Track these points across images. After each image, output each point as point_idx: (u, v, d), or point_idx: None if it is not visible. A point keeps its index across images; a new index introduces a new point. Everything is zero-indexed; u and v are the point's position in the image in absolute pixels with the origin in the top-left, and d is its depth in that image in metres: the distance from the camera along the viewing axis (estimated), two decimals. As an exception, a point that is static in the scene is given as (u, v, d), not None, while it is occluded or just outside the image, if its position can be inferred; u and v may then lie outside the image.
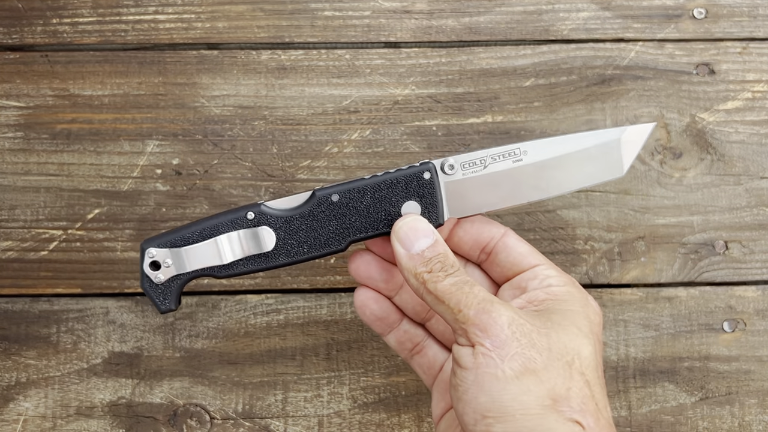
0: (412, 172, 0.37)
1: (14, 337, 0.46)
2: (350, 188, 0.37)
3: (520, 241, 0.39)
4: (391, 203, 0.37)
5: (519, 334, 0.32)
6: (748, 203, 0.47)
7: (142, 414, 0.45)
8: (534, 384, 0.31)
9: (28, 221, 0.46)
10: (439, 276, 0.34)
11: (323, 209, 0.37)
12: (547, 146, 0.38)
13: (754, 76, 0.48)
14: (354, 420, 0.46)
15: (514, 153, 0.38)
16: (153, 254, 0.37)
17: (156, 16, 0.48)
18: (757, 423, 0.46)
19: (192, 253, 0.37)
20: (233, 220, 0.37)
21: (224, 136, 0.47)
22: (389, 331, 0.40)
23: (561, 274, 0.38)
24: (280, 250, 0.37)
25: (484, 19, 0.48)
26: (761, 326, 0.47)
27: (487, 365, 0.31)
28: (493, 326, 0.32)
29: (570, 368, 0.32)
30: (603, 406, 0.33)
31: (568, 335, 0.33)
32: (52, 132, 0.47)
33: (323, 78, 0.48)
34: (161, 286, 0.37)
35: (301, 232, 0.37)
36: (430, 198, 0.37)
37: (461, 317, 0.33)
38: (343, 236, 0.37)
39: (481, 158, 0.38)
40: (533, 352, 0.32)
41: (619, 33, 0.48)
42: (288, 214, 0.37)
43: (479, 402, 0.31)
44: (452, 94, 0.48)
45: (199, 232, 0.37)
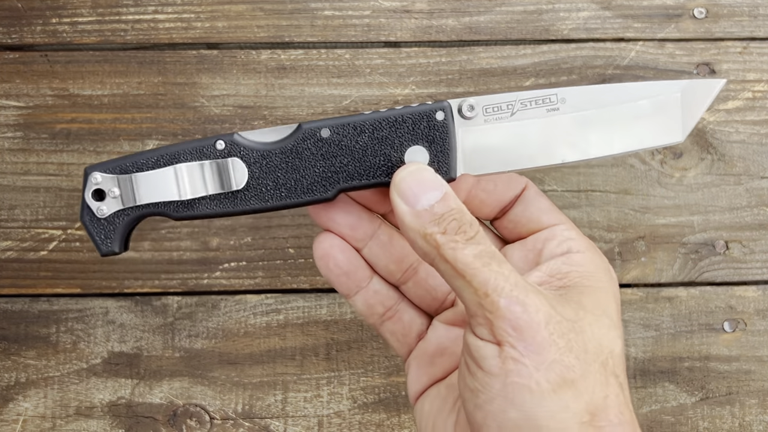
0: (422, 110, 0.31)
1: (14, 337, 0.46)
2: (344, 123, 0.31)
3: (540, 195, 0.33)
4: (393, 147, 0.31)
5: (557, 335, 0.26)
6: (748, 203, 0.47)
7: (141, 414, 0.45)
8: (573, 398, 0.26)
9: (27, 221, 0.46)
10: (457, 241, 0.27)
11: (309, 145, 0.31)
12: (590, 95, 0.31)
13: (754, 75, 0.48)
14: (354, 420, 0.46)
15: (549, 100, 0.31)
16: (97, 180, 0.30)
17: (155, 16, 0.48)
18: (758, 423, 0.46)
19: (144, 182, 0.30)
20: (199, 148, 0.30)
21: (224, 135, 0.47)
22: (356, 290, 0.34)
23: (581, 238, 0.32)
24: (252, 191, 0.31)
25: (484, 18, 0.48)
26: (762, 326, 0.47)
27: (519, 374, 0.26)
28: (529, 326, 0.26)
29: (605, 370, 0.27)
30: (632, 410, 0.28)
31: (601, 328, 0.28)
32: (52, 132, 0.47)
33: (323, 78, 0.48)
34: (104, 221, 0.31)
35: (280, 171, 0.31)
36: (441, 144, 0.31)
37: (488, 304, 0.26)
38: (331, 182, 0.31)
39: (508, 102, 0.31)
40: (571, 358, 0.26)
41: (620, 33, 0.48)
42: (266, 148, 0.31)
43: (508, 417, 0.26)
44: (452, 94, 0.48)
45: (156, 158, 0.30)
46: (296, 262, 0.46)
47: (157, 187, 0.30)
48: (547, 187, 0.47)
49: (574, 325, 0.27)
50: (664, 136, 0.32)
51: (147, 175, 0.30)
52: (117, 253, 0.31)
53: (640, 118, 0.32)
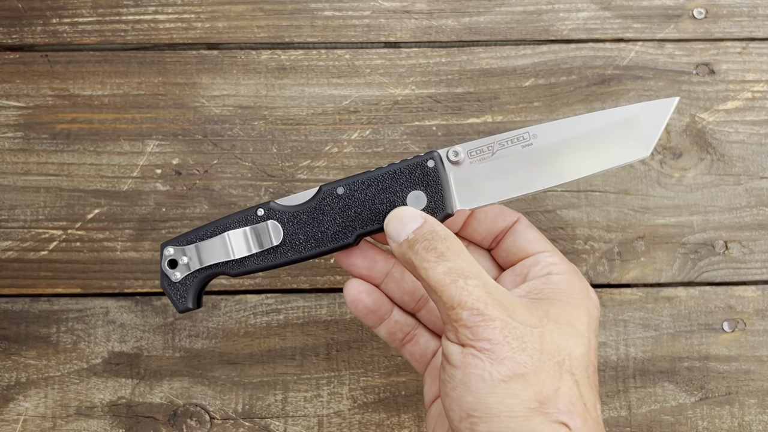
0: (416, 162, 0.37)
1: (14, 337, 0.46)
2: (355, 181, 0.37)
3: (529, 228, 0.39)
4: (396, 194, 0.37)
5: (511, 337, 0.31)
6: (747, 203, 0.47)
7: (141, 414, 0.45)
8: (522, 388, 0.31)
9: (27, 221, 0.46)
10: (429, 260, 0.33)
11: (329, 202, 0.37)
12: (558, 128, 0.36)
13: (753, 76, 0.48)
14: (354, 420, 0.46)
15: (522, 138, 0.36)
16: (170, 252, 0.38)
17: (156, 16, 0.48)
18: (757, 423, 0.46)
19: (204, 249, 0.37)
20: (244, 216, 0.38)
21: (224, 136, 0.47)
22: (380, 322, 0.40)
23: (563, 262, 0.37)
24: (288, 245, 0.37)
25: (484, 19, 0.48)
26: (761, 326, 0.47)
27: (476, 366, 0.31)
28: (485, 331, 0.31)
29: (560, 368, 0.32)
30: (592, 406, 0.32)
31: (561, 334, 0.33)
32: (52, 132, 0.47)
33: (323, 78, 0.48)
34: (178, 284, 0.38)
35: (308, 227, 0.37)
36: (435, 187, 0.37)
37: (454, 315, 0.32)
38: (351, 229, 0.37)
39: (488, 145, 0.37)
40: (524, 356, 0.31)
41: (619, 33, 0.48)
42: (295, 210, 0.37)
43: (465, 401, 0.31)
44: (452, 94, 0.48)
45: (213, 229, 0.38)
46: (296, 262, 0.46)
47: (213, 251, 0.37)
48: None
49: (533, 330, 0.32)
50: (630, 153, 0.36)
51: (206, 243, 0.38)
52: (192, 309, 0.38)
53: (605, 142, 0.36)
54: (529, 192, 0.37)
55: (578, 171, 0.36)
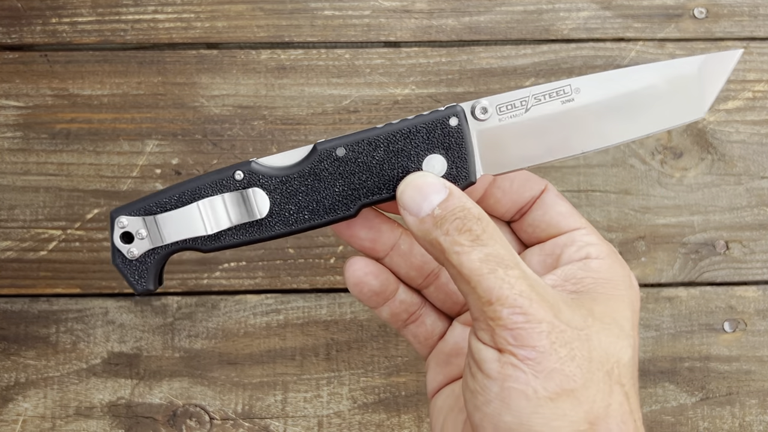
0: (435, 118, 0.30)
1: (13, 337, 0.46)
2: (359, 140, 0.31)
3: (560, 198, 0.33)
4: (410, 158, 0.30)
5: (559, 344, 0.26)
6: (748, 203, 0.47)
7: (141, 414, 0.45)
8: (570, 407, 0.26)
9: (27, 221, 0.46)
10: (462, 244, 0.27)
11: (327, 166, 0.31)
12: (605, 82, 0.31)
13: (754, 75, 0.48)
14: (354, 420, 0.46)
15: (563, 91, 0.31)
16: (124, 224, 0.31)
17: (155, 16, 0.48)
18: (758, 423, 0.46)
19: (169, 222, 0.31)
20: (218, 181, 0.31)
21: (224, 135, 0.47)
22: (384, 303, 0.35)
23: (602, 243, 0.32)
24: (276, 217, 0.31)
25: (484, 18, 0.48)
26: (762, 326, 0.46)
27: (517, 380, 0.26)
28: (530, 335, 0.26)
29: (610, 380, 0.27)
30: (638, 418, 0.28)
31: (609, 337, 0.28)
32: (52, 132, 0.47)
33: (323, 78, 0.48)
34: (136, 263, 0.31)
35: (301, 195, 0.31)
36: (458, 150, 0.30)
37: (491, 312, 0.26)
38: (352, 199, 0.31)
39: (521, 99, 0.31)
40: (573, 367, 0.26)
41: (620, 32, 0.48)
42: (284, 173, 0.31)
43: (503, 420, 0.26)
44: (452, 93, 0.48)
45: (178, 196, 0.31)
46: (296, 262, 0.46)
47: (183, 225, 0.31)
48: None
49: (579, 333, 0.27)
50: (685, 114, 0.31)
51: (172, 214, 0.31)
52: (152, 291, 0.32)
53: (658, 99, 0.31)
54: (567, 156, 0.31)
55: (625, 133, 0.31)
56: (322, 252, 0.46)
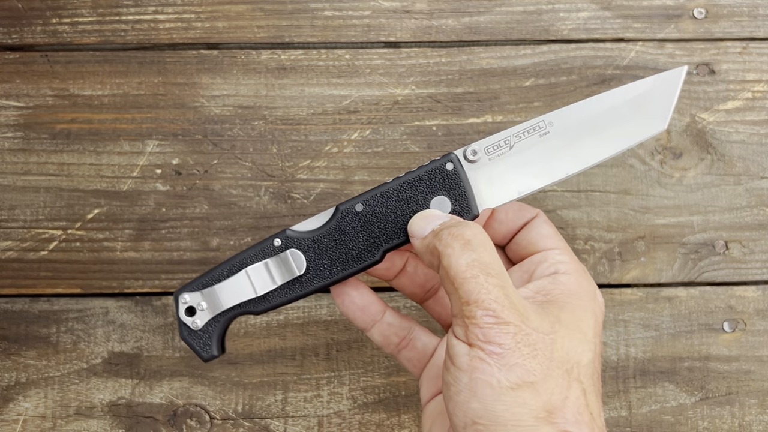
0: (434, 167, 0.35)
1: (14, 337, 0.46)
2: (373, 195, 0.35)
3: (545, 223, 0.37)
4: (418, 202, 0.35)
5: (523, 344, 0.30)
6: (748, 203, 0.47)
7: (141, 414, 0.45)
8: (530, 396, 0.30)
9: (27, 221, 0.46)
10: (454, 247, 0.31)
11: (349, 221, 0.35)
12: (573, 113, 0.36)
13: (754, 76, 0.48)
14: (354, 420, 0.46)
15: (539, 126, 0.35)
16: (186, 300, 0.35)
17: (156, 16, 0.48)
18: (758, 423, 0.46)
19: (224, 290, 0.35)
20: (261, 250, 0.35)
21: (224, 136, 0.47)
22: (372, 324, 0.38)
23: (572, 261, 0.36)
24: (313, 272, 0.35)
25: (484, 19, 0.48)
26: (761, 326, 0.47)
27: (483, 371, 0.30)
28: (497, 335, 0.30)
29: (569, 377, 0.31)
30: (597, 415, 0.32)
31: (572, 341, 0.32)
32: (52, 132, 0.47)
33: (323, 78, 0.48)
34: (200, 332, 0.36)
35: (331, 250, 0.35)
36: (457, 190, 0.35)
37: (467, 311, 0.30)
38: (375, 246, 0.35)
39: (504, 139, 0.35)
40: (534, 364, 0.30)
41: (619, 33, 0.48)
42: (315, 234, 0.35)
43: (471, 407, 0.30)
44: (452, 94, 0.48)
45: (229, 268, 0.35)
46: (296, 262, 0.46)
47: (234, 291, 0.35)
48: (548, 187, 0.47)
49: (545, 337, 0.31)
50: (648, 129, 0.36)
51: (224, 284, 0.35)
52: (217, 357, 0.36)
53: (622, 120, 0.36)
54: (553, 181, 0.36)
55: (599, 154, 0.36)
56: (322, 252, 0.46)
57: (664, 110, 0.36)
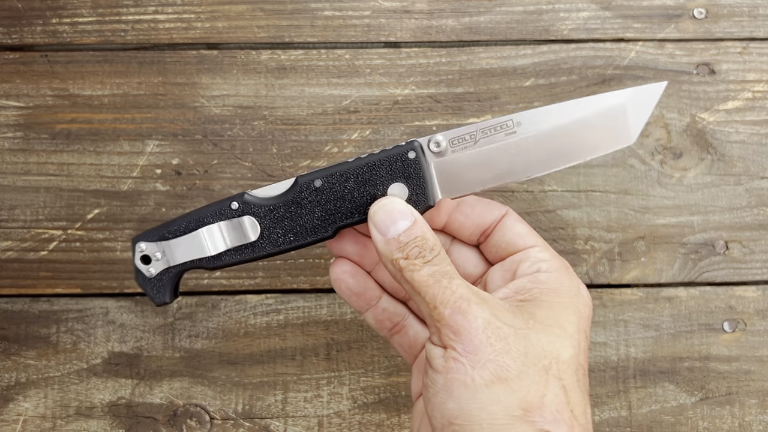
0: (396, 153, 0.35)
1: (14, 337, 0.46)
2: (333, 173, 0.36)
3: (518, 221, 0.37)
4: (376, 186, 0.35)
5: (494, 338, 0.30)
6: (748, 203, 0.47)
7: (141, 414, 0.45)
8: (504, 393, 0.29)
9: (27, 221, 0.46)
10: (416, 264, 0.32)
11: (307, 195, 0.36)
12: (542, 116, 0.35)
13: (754, 76, 0.48)
14: (354, 420, 0.46)
15: (506, 125, 0.35)
16: (143, 248, 0.37)
17: (156, 16, 0.48)
18: (758, 423, 0.46)
19: (178, 246, 0.36)
20: (218, 211, 0.36)
21: (224, 136, 0.47)
22: (367, 308, 0.39)
23: (554, 258, 0.35)
24: (266, 240, 0.36)
25: (484, 19, 0.48)
26: (761, 326, 0.47)
27: (457, 371, 0.30)
28: (467, 330, 0.30)
29: (546, 374, 0.30)
30: (581, 412, 0.31)
31: (548, 336, 0.31)
32: (52, 132, 0.47)
33: (323, 78, 0.48)
34: (154, 280, 0.37)
35: (286, 221, 0.36)
36: (417, 179, 0.35)
37: (436, 315, 0.31)
38: (330, 222, 0.36)
39: (470, 133, 0.35)
40: (507, 359, 0.30)
41: (620, 33, 0.48)
42: (272, 203, 0.36)
43: (447, 408, 0.30)
44: (452, 94, 0.48)
45: (186, 224, 0.37)
46: (296, 262, 0.46)
47: (188, 248, 0.36)
48: (547, 187, 0.47)
49: (517, 331, 0.31)
50: (616, 142, 0.35)
51: (180, 240, 0.36)
52: (169, 302, 0.38)
53: (590, 130, 0.35)
54: (512, 180, 0.36)
55: (562, 161, 0.35)
56: (322, 252, 0.46)
57: (636, 125, 0.35)
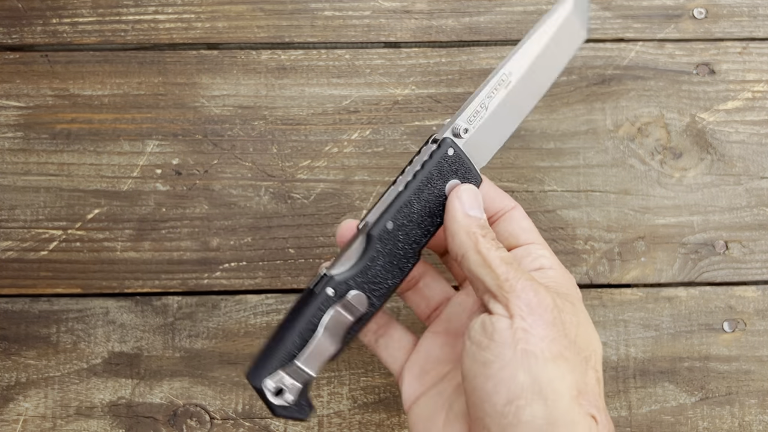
0: (439, 157, 0.36)
1: (14, 337, 0.46)
2: (398, 208, 0.36)
3: (525, 218, 0.39)
4: (435, 194, 0.36)
5: (558, 321, 0.32)
6: (748, 203, 0.47)
7: (142, 414, 0.45)
8: (567, 371, 0.30)
9: (27, 221, 0.46)
10: (492, 244, 0.33)
11: (386, 242, 0.36)
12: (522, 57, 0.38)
13: (754, 76, 0.48)
14: (354, 420, 0.46)
15: (502, 81, 0.38)
16: (272, 385, 0.34)
17: (156, 16, 0.48)
18: (757, 423, 0.46)
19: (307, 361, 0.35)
20: (319, 306, 0.35)
21: (224, 136, 0.47)
22: None
23: (552, 257, 0.37)
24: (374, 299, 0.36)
25: (484, 19, 0.48)
26: (761, 326, 0.47)
27: (528, 341, 0.30)
28: (540, 305, 0.31)
29: (587, 364, 0.32)
30: (604, 405, 0.33)
31: (587, 330, 0.33)
32: (52, 132, 0.47)
33: (323, 78, 0.48)
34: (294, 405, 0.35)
35: (380, 274, 0.36)
36: (463, 170, 0.37)
37: (507, 286, 0.32)
38: (414, 249, 0.36)
39: (481, 103, 0.37)
40: (566, 342, 0.31)
41: (619, 33, 0.48)
42: (359, 268, 0.36)
43: (517, 381, 0.30)
44: (452, 94, 0.48)
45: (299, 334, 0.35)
46: (296, 262, 0.46)
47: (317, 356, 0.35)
48: (547, 187, 0.47)
49: (572, 318, 0.32)
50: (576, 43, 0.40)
51: (305, 354, 0.35)
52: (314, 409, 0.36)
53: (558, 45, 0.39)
54: (520, 121, 0.39)
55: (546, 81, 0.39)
56: (322, 252, 0.46)
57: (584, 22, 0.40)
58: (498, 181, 0.47)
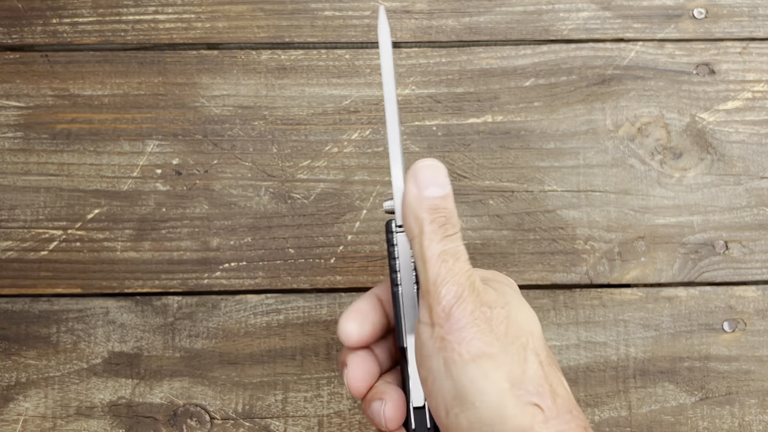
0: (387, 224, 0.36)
1: (14, 337, 0.46)
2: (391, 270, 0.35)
3: None
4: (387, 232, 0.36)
5: (480, 320, 0.31)
6: (748, 203, 0.47)
7: (142, 414, 0.45)
8: (491, 368, 0.31)
9: (28, 221, 0.46)
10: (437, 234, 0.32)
11: None
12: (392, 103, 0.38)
13: (754, 76, 0.48)
14: (354, 420, 0.46)
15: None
16: None
17: (156, 16, 0.48)
18: (757, 423, 0.46)
19: None
20: None
21: (224, 136, 0.47)
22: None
23: None
24: None
25: (484, 19, 0.48)
26: (761, 326, 0.47)
27: (445, 348, 0.31)
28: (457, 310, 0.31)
29: (525, 350, 0.32)
30: (558, 385, 0.32)
31: (522, 313, 0.33)
32: (52, 132, 0.47)
33: (323, 78, 0.48)
34: None
35: None
36: None
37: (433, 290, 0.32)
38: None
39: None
40: (491, 337, 0.31)
41: (619, 33, 0.48)
42: None
43: (445, 391, 0.31)
44: (452, 94, 0.48)
45: None
46: (296, 262, 0.46)
47: None
48: (547, 187, 0.47)
49: (500, 311, 0.32)
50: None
51: None
52: None
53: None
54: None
55: None
56: (322, 252, 0.47)
57: None
58: (498, 181, 0.47)
